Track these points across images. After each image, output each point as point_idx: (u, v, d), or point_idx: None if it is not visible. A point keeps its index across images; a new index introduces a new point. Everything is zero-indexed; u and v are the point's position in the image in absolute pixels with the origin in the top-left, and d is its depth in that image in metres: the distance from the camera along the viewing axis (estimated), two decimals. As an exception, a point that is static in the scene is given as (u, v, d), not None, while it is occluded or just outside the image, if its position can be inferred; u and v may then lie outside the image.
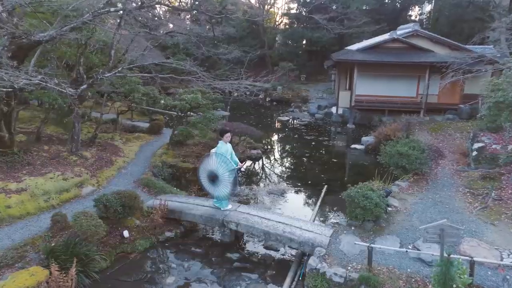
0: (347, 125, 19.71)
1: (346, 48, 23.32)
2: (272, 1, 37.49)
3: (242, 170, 7.96)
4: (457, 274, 4.69)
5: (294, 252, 7.55)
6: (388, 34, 20.61)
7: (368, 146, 15.12)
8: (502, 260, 6.29)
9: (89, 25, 9.85)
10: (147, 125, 15.98)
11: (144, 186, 9.74)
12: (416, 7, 36.28)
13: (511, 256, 6.41)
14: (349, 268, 6.27)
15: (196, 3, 25.37)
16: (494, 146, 12.26)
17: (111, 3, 9.61)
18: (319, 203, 9.82)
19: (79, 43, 11.14)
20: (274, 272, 6.98)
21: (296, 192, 11.18)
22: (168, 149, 12.55)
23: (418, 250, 6.63)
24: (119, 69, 6.82)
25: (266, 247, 7.84)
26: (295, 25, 38.00)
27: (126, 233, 7.69)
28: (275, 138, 18.97)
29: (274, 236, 7.22)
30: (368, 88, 19.82)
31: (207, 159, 8.06)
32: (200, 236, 8.33)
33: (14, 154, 9.85)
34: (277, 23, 40.74)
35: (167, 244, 7.87)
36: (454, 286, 4.65)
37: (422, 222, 7.74)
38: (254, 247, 7.93)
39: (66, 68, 13.61)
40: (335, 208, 9.93)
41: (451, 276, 4.64)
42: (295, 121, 21.47)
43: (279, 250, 7.75)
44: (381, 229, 7.52)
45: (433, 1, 33.45)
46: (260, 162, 14.20)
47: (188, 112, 13.18)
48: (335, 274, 6.07)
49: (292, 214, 9.39)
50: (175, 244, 7.88)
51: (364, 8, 32.59)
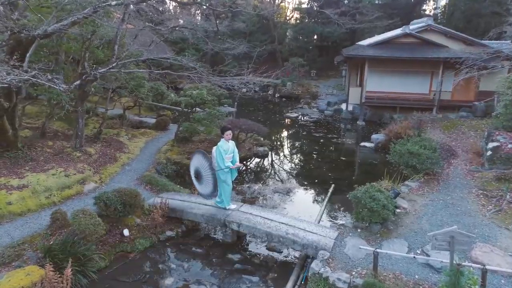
0: (357, 122, 19.29)
1: (357, 43, 22.81)
2: (282, -5, 37.06)
3: (240, 169, 7.72)
4: (467, 284, 4.40)
5: (297, 254, 7.31)
6: (401, 29, 20.04)
7: (378, 144, 14.74)
8: (516, 267, 5.95)
9: (92, 19, 9.76)
10: (154, 120, 15.88)
11: (146, 184, 9.60)
12: (431, 1, 35.43)
13: (526, 263, 6.06)
14: (353, 273, 6.01)
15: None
16: (510, 146, 11.74)
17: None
18: (325, 204, 9.54)
19: (84, 38, 11.04)
20: (276, 275, 6.76)
21: (303, 191, 10.91)
22: (173, 145, 12.40)
23: (427, 255, 6.33)
24: (113, 64, 6.62)
25: (269, 249, 7.62)
26: (306, 19, 37.43)
27: (126, 232, 7.55)
28: (283, 135, 18.70)
29: (276, 237, 6.99)
30: (379, 84, 19.35)
31: (195, 156, 8.00)
32: (201, 235, 8.14)
33: (18, 150, 9.81)
34: (287, 17, 40.25)
35: (167, 244, 7.71)
36: (464, 297, 4.37)
37: (432, 225, 7.43)
38: (257, 248, 7.72)
39: (72, 63, 13.56)
40: (342, 209, 9.65)
41: (461, 287, 4.35)
42: (304, 117, 21.14)
43: (282, 252, 7.53)
44: (388, 232, 7.23)
45: (448, -5, 32.57)
46: (267, 159, 13.95)
47: (195, 108, 13.01)
48: (339, 279, 5.81)
49: (297, 214, 9.16)
50: (176, 244, 7.72)
51: (376, 2, 31.95)
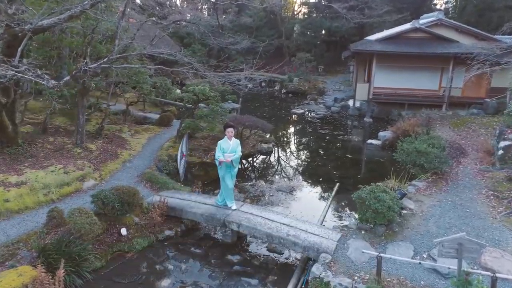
0: (364, 119, 18.92)
1: (365, 38, 22.35)
2: (290, -11, 36.59)
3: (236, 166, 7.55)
4: (476, 294, 4.14)
5: (299, 256, 7.09)
6: (410, 23, 19.55)
7: (385, 141, 14.40)
8: (528, 274, 5.65)
9: (93, 13, 9.58)
10: (158, 116, 15.71)
11: (147, 181, 9.43)
12: (442, -5, 34.64)
13: (539, 270, 5.76)
14: (356, 278, 5.76)
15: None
16: (522, 145, 11.36)
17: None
18: (329, 203, 9.28)
19: (85, 32, 10.88)
20: (276, 277, 6.55)
21: (306, 189, 10.66)
22: (176, 142, 12.20)
23: (433, 260, 6.06)
24: (104, 59, 6.43)
25: (270, 249, 7.41)
26: (314, 14, 36.91)
27: (124, 231, 7.40)
28: (288, 131, 18.42)
29: (277, 239, 6.77)
30: (387, 80, 18.92)
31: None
32: (201, 235, 7.96)
33: (18, 146, 9.72)
34: (295, 12, 39.74)
35: (166, 244, 7.54)
36: (473, 307, 4.11)
37: (440, 227, 7.14)
38: (257, 248, 7.51)
39: (75, 58, 13.44)
40: (346, 209, 9.39)
41: (469, 297, 4.09)
42: (310, 114, 20.81)
43: (283, 253, 7.31)
44: (393, 234, 6.96)
45: (460, -12, 31.77)
46: (271, 156, 13.70)
47: (198, 104, 12.81)
48: (340, 284, 5.58)
49: (300, 213, 8.95)
50: (175, 244, 7.54)
51: (385, -4, 31.23)
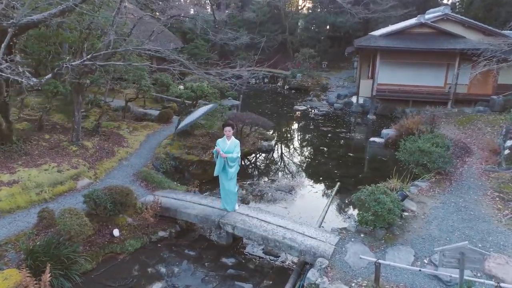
0: (367, 116, 18.61)
1: (370, 33, 21.95)
2: (294, -16, 36.14)
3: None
4: (478, 307, 3.89)
5: (296, 259, 6.86)
6: (415, 18, 19.13)
7: (388, 139, 14.10)
8: (535, 283, 5.38)
9: (85, 8, 9.37)
10: (158, 113, 15.52)
11: (142, 180, 9.24)
12: (449, -11, 33.96)
13: (546, 278, 5.49)
14: (353, 285, 5.53)
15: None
16: (530, 144, 11.02)
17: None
18: (328, 204, 9.02)
19: (82, 27, 10.67)
20: (271, 282, 6.33)
21: (306, 189, 10.41)
22: (174, 139, 12.00)
23: (435, 265, 5.80)
24: (88, 56, 6.21)
25: (266, 252, 7.20)
26: (318, 9, 36.49)
27: (116, 232, 7.21)
28: (289, 128, 18.15)
29: (272, 242, 6.55)
30: (391, 76, 18.57)
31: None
32: (196, 236, 7.76)
33: (13, 144, 9.56)
34: (299, 7, 39.28)
35: (159, 245, 7.35)
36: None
37: (442, 231, 6.88)
38: (253, 251, 7.29)
39: (73, 54, 13.23)
40: (346, 210, 9.14)
41: (471, 310, 3.84)
42: (313, 110, 20.50)
43: (279, 256, 7.09)
44: (394, 237, 6.70)
45: (467, -18, 31.10)
46: (271, 154, 13.46)
47: (197, 101, 12.59)
48: (336, 291, 5.35)
49: (299, 214, 8.73)
50: (168, 245, 7.35)
51: (391, -10, 30.68)
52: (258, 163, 12.64)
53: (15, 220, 7.27)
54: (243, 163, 12.26)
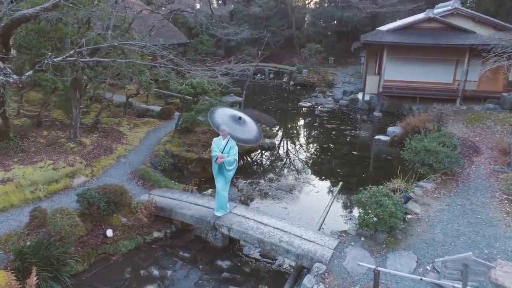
0: (374, 113, 18.19)
1: (377, 28, 21.46)
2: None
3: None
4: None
5: (293, 263, 6.62)
6: (424, 13, 18.62)
7: (393, 137, 13.74)
8: (544, 293, 5.08)
9: (87, 2, 9.17)
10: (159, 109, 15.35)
11: (139, 178, 9.06)
12: (459, -17, 33.13)
13: (556, 288, 5.18)
14: (350, 292, 5.28)
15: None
16: (541, 143, 10.60)
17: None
18: (329, 205, 8.71)
19: (80, 22, 10.50)
20: (267, 287, 6.10)
21: (307, 189, 10.14)
22: (174, 136, 11.80)
23: (438, 272, 5.52)
24: (71, 52, 6.00)
25: (263, 255, 6.97)
26: (326, 4, 35.92)
27: (109, 232, 7.04)
28: (293, 126, 17.82)
29: (269, 245, 6.32)
30: (398, 73, 18.12)
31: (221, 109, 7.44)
32: (192, 237, 7.56)
33: (10, 140, 9.45)
34: (306, 1, 38.74)
35: (154, 246, 7.17)
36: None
37: (447, 235, 6.58)
38: (250, 253, 7.07)
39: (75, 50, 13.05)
40: (347, 211, 8.87)
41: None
42: (318, 107, 20.14)
43: (276, 259, 6.86)
44: (396, 242, 6.42)
45: (479, -24, 30.32)
46: (273, 152, 13.20)
47: (199, 97, 12.36)
48: (333, 299, 5.11)
49: (299, 215, 8.49)
50: (163, 246, 7.16)
51: (400, -16, 30.07)
52: (259, 161, 12.39)
53: (8, 219, 7.14)
54: (243, 161, 12.02)
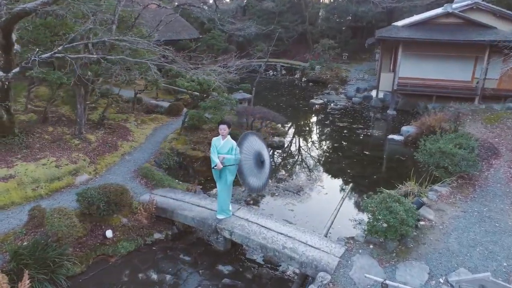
0: (387, 111, 17.66)
1: (392, 24, 20.80)
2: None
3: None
4: None
5: (297, 270, 6.32)
6: (442, 7, 17.92)
7: (408, 137, 13.24)
8: None
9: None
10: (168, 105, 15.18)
11: (142, 177, 8.86)
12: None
13: None
14: (356, 305, 4.96)
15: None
16: None
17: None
18: (338, 208, 8.34)
19: (86, 16, 10.32)
20: (268, 295, 5.83)
21: (316, 190, 9.78)
22: (180, 134, 11.59)
23: (451, 286, 5.14)
24: (59, 48, 5.78)
25: (266, 260, 6.69)
26: (340, -2, 35.20)
27: (109, 233, 6.86)
28: (304, 124, 17.41)
29: (271, 251, 6.03)
30: (414, 70, 17.51)
31: (251, 137, 6.59)
32: (193, 239, 7.32)
33: (15, 136, 9.37)
34: (320, -4, 38.06)
35: (154, 248, 6.96)
36: None
37: (462, 245, 6.17)
38: (253, 258, 6.79)
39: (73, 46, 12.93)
40: (357, 215, 8.47)
41: None
42: (331, 104, 19.66)
43: (280, 265, 6.57)
44: (407, 251, 6.05)
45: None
46: (282, 151, 12.87)
47: (207, 94, 12.11)
48: (337, 313, 4.79)
49: (306, 218, 8.19)
50: (163, 248, 6.95)
51: (417, -22, 29.17)
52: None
53: (8, 217, 7.03)
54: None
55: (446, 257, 5.88)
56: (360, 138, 14.27)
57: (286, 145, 13.37)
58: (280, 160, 12.19)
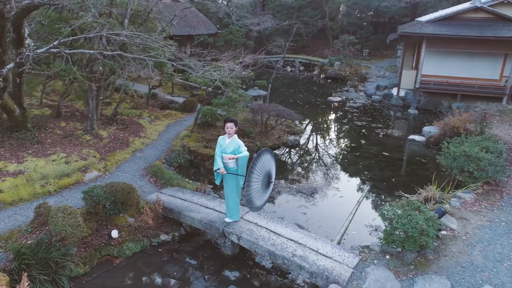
0: (409, 110, 16.98)
1: (416, 19, 19.99)
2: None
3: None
4: None
5: (308, 279, 5.98)
6: (470, 2, 17.05)
7: (429, 138, 12.64)
8: None
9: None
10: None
11: (151, 175, 8.67)
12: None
13: None
14: (369, 323, 4.59)
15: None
16: None
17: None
18: (353, 213, 7.95)
19: (100, 11, 10.18)
20: (276, 305, 5.52)
21: (330, 193, 9.38)
22: (193, 131, 11.37)
23: (475, 306, 4.71)
24: (55, 43, 5.56)
25: (275, 267, 6.37)
26: (362, -7, 34.24)
27: (115, 233, 6.68)
28: (320, 122, 16.93)
29: (280, 258, 5.71)
30: (438, 67, 16.77)
31: (266, 155, 5.93)
32: (201, 242, 7.07)
33: (28, 131, 9.35)
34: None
35: (160, 250, 6.75)
36: None
37: (488, 259, 5.70)
38: (261, 264, 6.49)
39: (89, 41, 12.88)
40: (373, 220, 8.03)
41: None
42: (348, 102, 19.09)
43: (289, 273, 6.24)
44: (426, 263, 5.63)
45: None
46: (297, 150, 12.48)
47: (221, 90, 11.85)
48: (348, 330, 4.44)
49: (319, 222, 7.82)
50: (169, 250, 6.72)
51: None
52: (280, 160, 11.72)
53: (15, 214, 6.96)
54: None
55: (469, 271, 5.43)
56: (379, 138, 13.73)
57: (301, 144, 12.97)
58: (294, 160, 11.82)
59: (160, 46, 7.21)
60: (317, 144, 13.46)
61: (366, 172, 10.62)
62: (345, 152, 12.54)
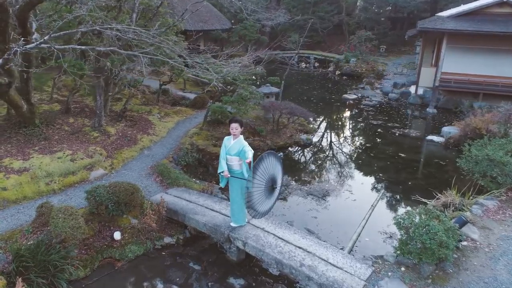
0: (427, 109, 16.35)
1: (436, 14, 19.24)
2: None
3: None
4: None
5: (316, 288, 5.65)
6: (495, -4, 16.25)
7: (449, 139, 12.08)
8: None
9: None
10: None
11: (158, 175, 8.44)
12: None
13: None
14: None
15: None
16: None
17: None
18: (366, 219, 7.52)
19: (109, 5, 9.98)
20: (282, 318, 5.21)
21: (342, 196, 8.98)
22: (202, 129, 11.11)
23: (499, 328, 4.30)
24: (45, 38, 5.32)
25: (282, 275, 6.05)
26: (380, -13, 33.36)
27: (117, 234, 6.48)
28: (334, 120, 16.46)
29: (287, 267, 5.39)
30: (458, 64, 16.07)
31: (270, 158, 5.50)
32: (205, 246, 6.79)
33: (35, 127, 9.24)
34: (359, -15, 36.26)
35: (163, 253, 6.51)
36: None
37: (513, 274, 5.24)
38: (268, 272, 6.18)
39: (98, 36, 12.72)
40: (388, 226, 7.62)
41: None
42: (365, 100, 18.52)
43: (298, 282, 5.91)
44: (445, 277, 5.22)
45: None
46: (309, 150, 12.10)
47: (232, 86, 11.55)
48: None
49: (330, 227, 7.47)
50: (173, 254, 6.48)
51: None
52: (292, 160, 11.36)
53: (18, 212, 6.83)
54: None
55: (492, 287, 5.00)
56: (395, 138, 13.21)
57: (314, 143, 12.57)
58: (306, 160, 11.44)
59: (168, 41, 6.91)
60: (330, 143, 13.04)
61: (381, 174, 10.18)
62: (359, 152, 12.09)
